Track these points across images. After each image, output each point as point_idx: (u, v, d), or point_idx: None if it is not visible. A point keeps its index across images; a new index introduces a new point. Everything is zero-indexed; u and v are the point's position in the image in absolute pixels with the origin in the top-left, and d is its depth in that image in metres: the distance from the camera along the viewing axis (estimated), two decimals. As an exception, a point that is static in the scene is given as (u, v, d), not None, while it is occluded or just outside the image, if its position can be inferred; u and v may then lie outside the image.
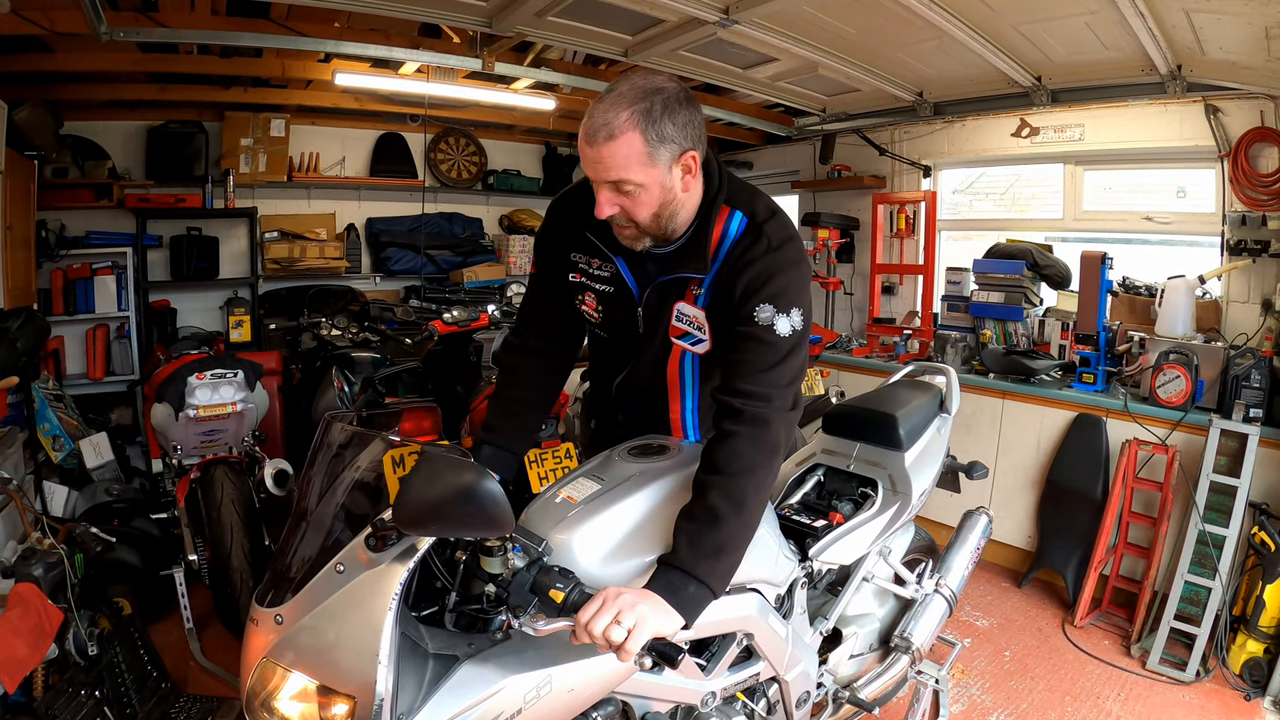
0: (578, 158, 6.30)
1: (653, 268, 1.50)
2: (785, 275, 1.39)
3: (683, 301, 1.49)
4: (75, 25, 2.99)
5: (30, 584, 2.22)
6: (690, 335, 1.51)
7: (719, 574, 1.26)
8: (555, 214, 1.63)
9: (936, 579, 2.10)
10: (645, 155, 1.29)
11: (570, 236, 1.56)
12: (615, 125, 1.27)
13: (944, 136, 4.60)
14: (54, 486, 3.39)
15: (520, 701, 1.13)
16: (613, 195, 1.34)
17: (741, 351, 1.38)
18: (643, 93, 1.29)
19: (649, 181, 1.32)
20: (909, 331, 4.54)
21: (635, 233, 1.40)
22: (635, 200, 1.34)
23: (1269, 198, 3.25)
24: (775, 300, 1.36)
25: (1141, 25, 2.88)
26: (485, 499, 1.01)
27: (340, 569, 1.10)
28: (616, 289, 1.54)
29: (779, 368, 1.36)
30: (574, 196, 1.57)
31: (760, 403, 1.33)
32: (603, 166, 1.30)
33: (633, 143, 1.28)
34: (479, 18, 3.35)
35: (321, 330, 4.14)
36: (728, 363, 1.41)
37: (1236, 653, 2.75)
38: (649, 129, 1.28)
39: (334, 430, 1.30)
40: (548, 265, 1.63)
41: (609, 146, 1.28)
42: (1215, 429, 2.91)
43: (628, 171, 1.30)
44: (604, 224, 1.44)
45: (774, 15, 3.19)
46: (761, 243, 1.41)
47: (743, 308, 1.38)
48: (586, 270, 1.57)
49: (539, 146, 6.15)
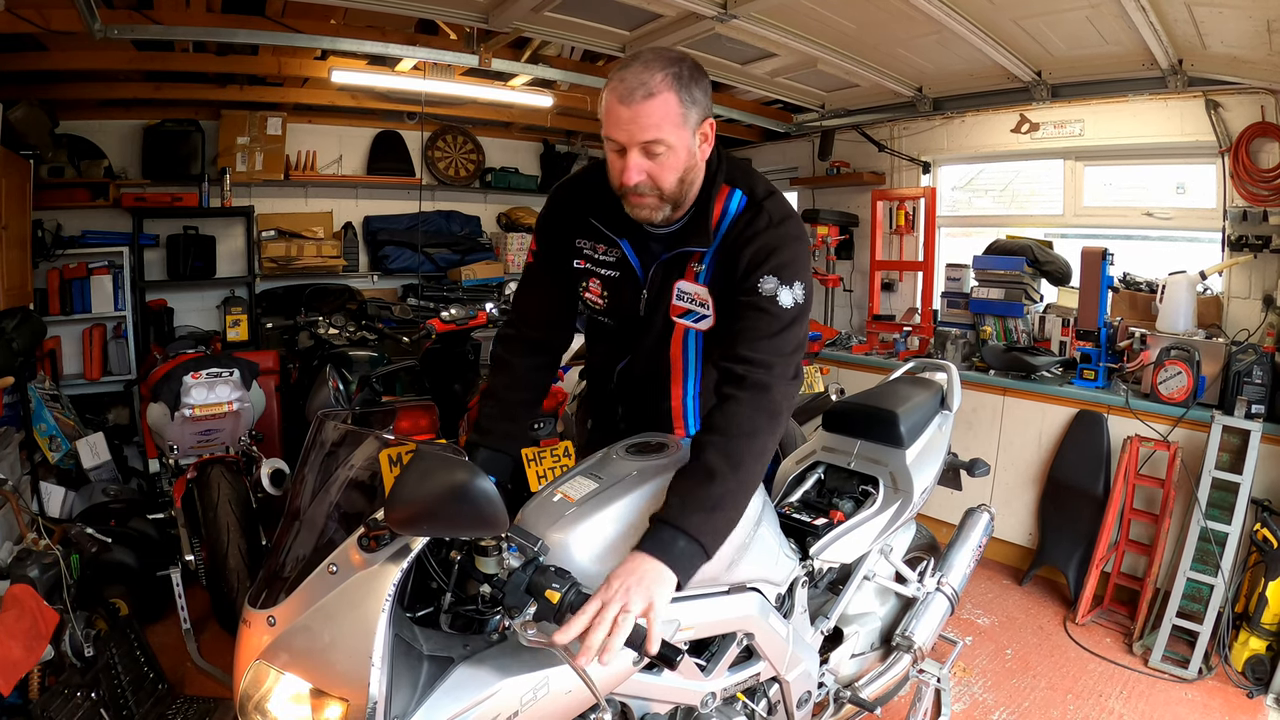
0: (576, 155, 6.37)
1: (656, 247, 1.50)
2: (789, 249, 1.41)
3: (683, 280, 1.49)
4: (70, 23, 2.97)
5: (26, 585, 2.22)
6: (693, 313, 1.51)
7: (711, 530, 1.24)
8: (558, 200, 1.62)
9: (938, 577, 2.09)
10: (679, 116, 1.32)
11: (574, 223, 1.56)
12: (652, 84, 1.28)
13: (943, 132, 4.58)
14: (50, 487, 3.37)
15: (517, 704, 1.11)
16: (640, 159, 1.34)
17: (744, 319, 1.39)
18: (670, 58, 1.32)
19: (679, 144, 1.34)
20: (909, 328, 4.53)
21: (656, 202, 1.39)
22: (662, 164, 1.34)
23: (1270, 193, 3.23)
24: (779, 272, 1.38)
25: (1142, 19, 2.87)
26: (479, 498, 0.99)
27: (333, 569, 1.08)
28: (621, 273, 1.54)
29: (782, 335, 1.37)
30: (577, 183, 1.58)
31: (762, 369, 1.34)
32: (638, 126, 1.30)
33: (669, 102, 1.30)
34: (475, 13, 3.34)
35: (319, 329, 4.11)
36: (730, 332, 1.41)
37: (1239, 650, 2.74)
38: (682, 90, 1.31)
39: (327, 429, 1.28)
40: (549, 253, 1.62)
41: (646, 105, 1.29)
42: (1217, 425, 2.89)
43: (662, 131, 1.31)
44: (609, 208, 1.46)
45: (772, 10, 3.17)
46: (763, 217, 1.43)
47: (747, 280, 1.39)
48: (591, 256, 1.56)
49: (537, 144, 6.14)
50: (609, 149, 1.37)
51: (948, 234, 4.86)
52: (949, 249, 4.83)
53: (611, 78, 1.32)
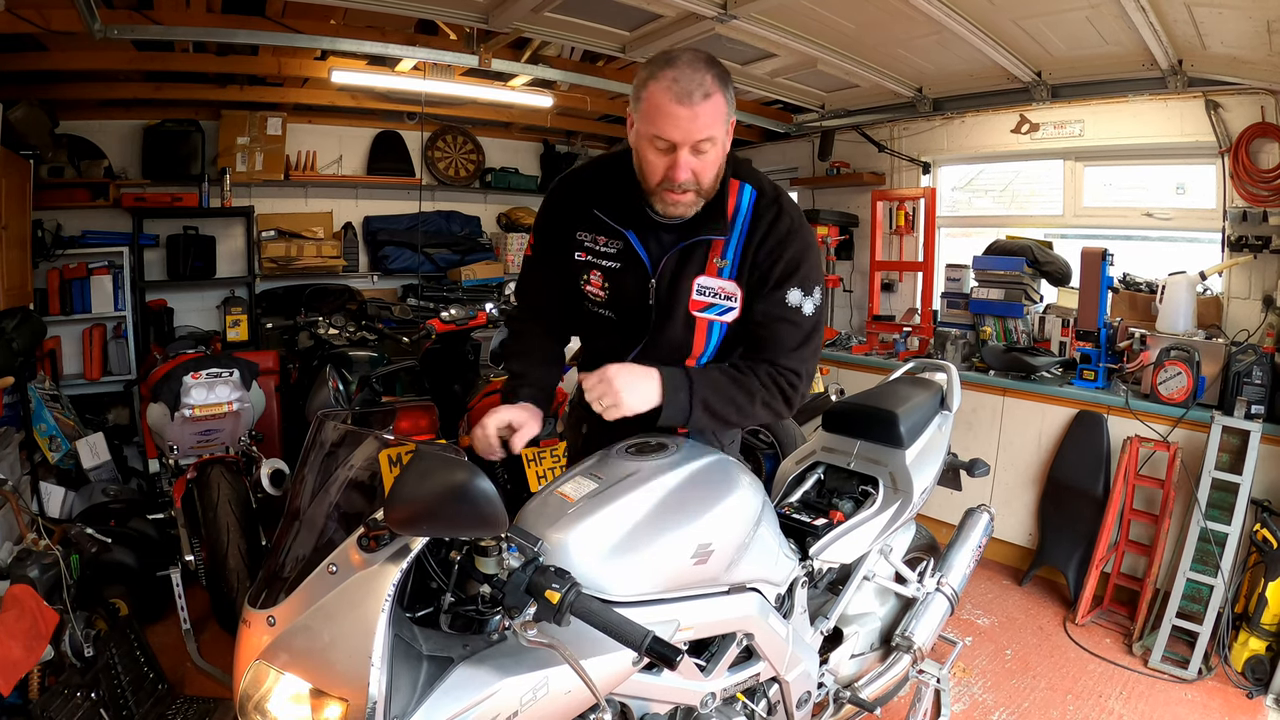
0: (576, 155, 6.35)
1: (667, 237, 1.52)
2: (811, 256, 1.51)
3: (703, 275, 1.52)
4: (70, 23, 2.97)
5: (26, 585, 2.21)
6: (717, 306, 1.53)
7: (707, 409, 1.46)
8: (557, 195, 1.64)
9: (938, 578, 2.09)
10: (725, 114, 1.38)
11: (574, 216, 1.58)
12: (707, 84, 1.32)
13: (943, 133, 4.58)
14: (50, 487, 3.37)
15: (516, 704, 1.11)
16: (689, 157, 1.37)
17: (771, 329, 1.50)
18: (709, 58, 1.37)
19: (723, 140, 1.40)
20: (909, 329, 4.53)
21: (694, 198, 1.43)
22: (706, 162, 1.39)
23: (1270, 193, 3.23)
24: (804, 284, 1.48)
25: (1143, 19, 2.87)
26: (478, 498, 0.99)
27: (333, 570, 1.08)
28: (625, 264, 1.54)
29: (806, 345, 1.51)
30: (576, 178, 1.62)
31: (790, 376, 1.49)
32: (698, 126, 1.33)
33: (719, 102, 1.35)
34: (475, 14, 3.34)
35: (319, 329, 4.11)
36: (757, 338, 1.52)
37: (1239, 650, 2.74)
38: (726, 90, 1.36)
39: (327, 429, 1.28)
40: (548, 246, 1.64)
41: (706, 104, 1.32)
42: (1217, 426, 2.89)
43: (715, 129, 1.36)
44: (613, 200, 1.51)
45: (772, 10, 3.18)
46: (785, 219, 1.49)
47: (776, 291, 1.48)
48: (593, 248, 1.57)
49: (537, 144, 6.14)
50: (653, 147, 1.38)
51: (947, 234, 4.86)
52: (949, 249, 4.82)
53: (658, 77, 1.33)
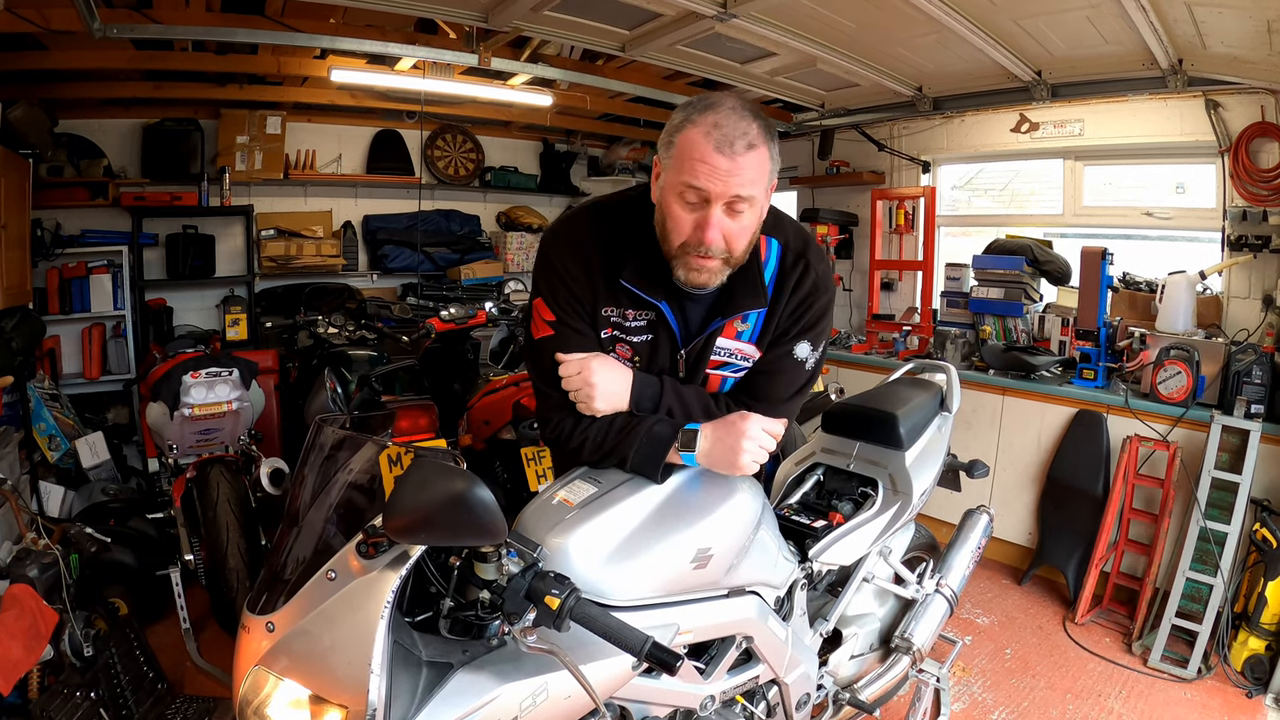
0: (575, 154, 6.33)
1: (696, 308, 1.40)
2: (829, 313, 1.46)
3: (722, 336, 1.42)
4: (69, 23, 2.96)
5: (25, 585, 2.21)
6: (732, 365, 1.46)
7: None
8: (569, 266, 1.37)
9: (937, 579, 2.09)
10: (769, 172, 1.23)
11: (597, 291, 1.38)
12: (752, 135, 1.18)
13: (943, 132, 4.58)
14: (50, 486, 3.37)
15: (516, 709, 1.12)
16: (722, 217, 1.21)
17: (772, 378, 1.44)
18: (755, 108, 1.22)
19: (761, 204, 1.26)
20: (908, 328, 4.52)
21: (720, 265, 1.27)
22: (740, 225, 1.24)
23: (1270, 193, 3.23)
24: (815, 339, 1.44)
25: (1143, 19, 2.86)
26: (477, 507, 0.99)
27: (332, 576, 1.08)
28: (656, 336, 1.41)
29: (799, 395, 1.46)
30: (583, 240, 1.38)
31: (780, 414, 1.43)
32: (736, 180, 1.18)
33: (763, 157, 1.20)
34: (475, 12, 3.33)
35: (318, 328, 4.11)
36: (754, 384, 1.46)
37: (1238, 650, 2.74)
38: (772, 144, 1.22)
39: (325, 433, 1.28)
40: (571, 325, 1.40)
41: (748, 156, 1.17)
42: (1216, 425, 2.89)
43: (755, 186, 1.21)
44: (640, 266, 1.33)
45: (772, 9, 3.16)
46: (810, 276, 1.40)
47: (784, 341, 1.43)
48: (621, 324, 1.41)
49: (536, 143, 6.12)
50: (682, 200, 1.22)
51: (947, 233, 4.86)
52: (948, 248, 4.82)
53: (696, 121, 1.18)
